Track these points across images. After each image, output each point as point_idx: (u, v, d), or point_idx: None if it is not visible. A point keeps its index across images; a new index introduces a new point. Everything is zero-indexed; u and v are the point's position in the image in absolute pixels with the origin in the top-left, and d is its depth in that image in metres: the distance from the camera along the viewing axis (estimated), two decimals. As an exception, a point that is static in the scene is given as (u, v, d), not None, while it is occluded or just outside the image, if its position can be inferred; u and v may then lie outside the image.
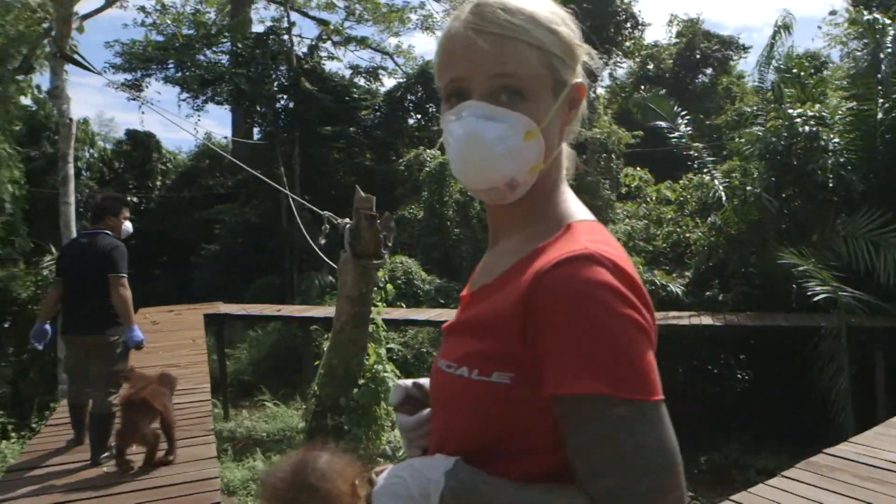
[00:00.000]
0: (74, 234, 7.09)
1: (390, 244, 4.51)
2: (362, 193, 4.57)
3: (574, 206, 0.94)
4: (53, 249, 12.21)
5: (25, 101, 17.18)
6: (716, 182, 10.82)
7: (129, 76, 20.11)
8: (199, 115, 24.76)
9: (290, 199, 13.75)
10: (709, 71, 21.71)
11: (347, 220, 4.57)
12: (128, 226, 4.39)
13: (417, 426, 0.97)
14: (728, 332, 8.91)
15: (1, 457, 6.67)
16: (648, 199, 14.07)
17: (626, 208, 14.89)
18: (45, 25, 10.57)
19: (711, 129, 17.50)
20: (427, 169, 16.93)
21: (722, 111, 19.30)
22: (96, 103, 75.50)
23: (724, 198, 10.46)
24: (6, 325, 11.22)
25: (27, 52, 10.38)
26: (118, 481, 3.65)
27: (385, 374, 4.60)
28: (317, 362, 6.77)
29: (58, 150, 7.02)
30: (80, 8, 7.26)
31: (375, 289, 4.77)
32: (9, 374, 10.72)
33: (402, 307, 10.42)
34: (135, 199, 20.70)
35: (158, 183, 22.62)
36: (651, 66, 22.51)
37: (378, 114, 21.97)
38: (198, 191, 21.99)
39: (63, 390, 7.23)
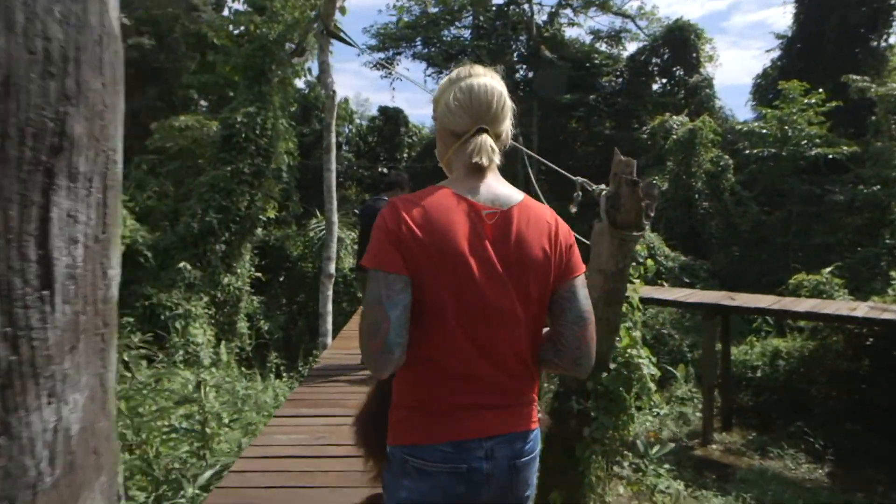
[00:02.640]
0: (335, 198, 7.72)
1: (652, 214, 3.94)
2: (622, 156, 4.05)
3: (447, 181, 1.59)
4: (318, 214, 13.62)
5: (299, 83, 19.35)
6: None
7: (382, 55, 21.57)
8: (442, 90, 25.80)
9: (528, 168, 13.58)
10: None
11: (603, 185, 4.09)
12: None
13: None
14: None
15: (274, 394, 7.52)
16: (966, 169, 11.20)
17: (932, 180, 12.05)
18: (314, 13, 11.62)
19: None
20: (674, 136, 15.57)
21: None
22: (354, 85, 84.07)
23: None
24: (281, 279, 12.78)
25: (300, 36, 11.51)
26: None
27: (640, 360, 4.09)
28: None
29: (323, 123, 7.55)
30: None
31: (633, 264, 4.25)
32: (282, 322, 12.24)
33: (663, 285, 9.62)
34: (384, 171, 22.36)
35: (405, 155, 24.14)
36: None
37: (620, 80, 20.81)
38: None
39: (323, 342, 7.96)
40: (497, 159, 1.61)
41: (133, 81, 20.58)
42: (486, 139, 1.56)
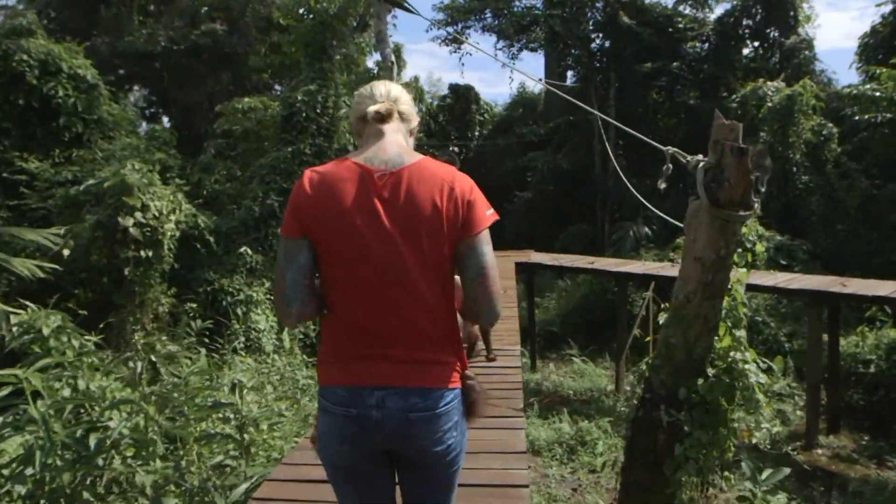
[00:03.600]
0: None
1: (763, 189, 3.21)
2: (724, 120, 3.31)
3: (351, 153, 1.75)
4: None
5: (369, 63, 18.99)
6: None
7: (451, 29, 20.90)
8: (513, 63, 24.93)
9: (605, 143, 12.69)
10: None
11: (700, 156, 3.37)
12: None
13: None
14: None
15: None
16: None
17: None
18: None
19: None
20: (769, 104, 14.16)
21: None
22: (426, 66, 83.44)
23: None
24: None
25: (363, 10, 11.06)
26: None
27: (745, 366, 3.38)
28: (646, 335, 5.82)
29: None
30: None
31: (739, 250, 3.52)
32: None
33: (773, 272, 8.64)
34: (455, 149, 21.78)
35: (477, 133, 23.49)
36: None
37: (706, 45, 19.26)
38: (512, 138, 22.24)
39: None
40: (404, 129, 1.79)
41: (206, 67, 20.85)
42: (387, 103, 1.76)
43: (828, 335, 7.95)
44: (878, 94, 12.54)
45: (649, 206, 7.02)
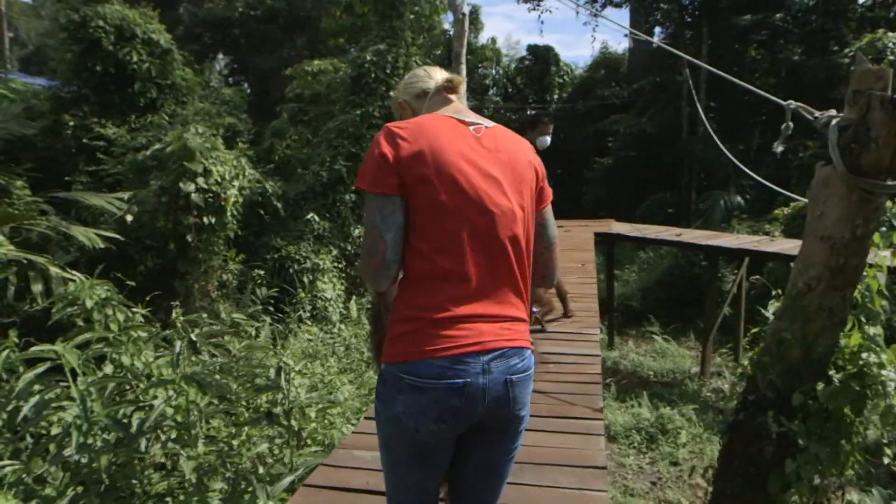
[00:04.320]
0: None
1: (918, 152, 2.53)
2: (869, 64, 2.63)
3: (431, 113, 1.67)
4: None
5: (445, 25, 18.34)
6: None
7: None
8: (596, 23, 23.63)
9: (696, 104, 11.67)
10: None
11: (832, 111, 2.70)
12: (543, 140, 4.72)
13: None
14: None
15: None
16: None
17: None
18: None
19: None
20: (889, 58, 12.60)
21: None
22: (504, 29, 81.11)
23: None
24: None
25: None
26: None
27: (882, 372, 2.75)
28: (737, 314, 5.15)
29: (452, 53, 6.51)
30: None
31: (882, 229, 2.85)
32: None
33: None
34: (532, 112, 20.94)
35: (556, 96, 22.50)
36: None
37: (814, -7, 17.44)
38: (592, 101, 21.11)
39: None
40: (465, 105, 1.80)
41: (282, 32, 20.84)
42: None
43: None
44: None
45: (749, 172, 6.23)
